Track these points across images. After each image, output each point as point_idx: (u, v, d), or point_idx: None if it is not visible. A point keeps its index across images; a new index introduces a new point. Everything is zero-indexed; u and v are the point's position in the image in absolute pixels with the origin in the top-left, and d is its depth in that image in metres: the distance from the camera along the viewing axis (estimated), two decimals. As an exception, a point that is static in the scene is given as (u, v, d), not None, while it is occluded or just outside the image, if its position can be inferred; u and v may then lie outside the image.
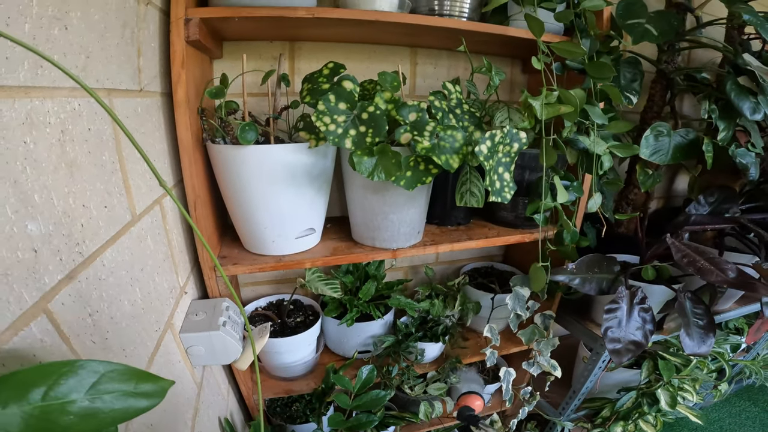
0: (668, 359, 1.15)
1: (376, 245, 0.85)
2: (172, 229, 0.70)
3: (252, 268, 0.78)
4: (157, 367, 0.59)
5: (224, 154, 0.72)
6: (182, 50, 0.65)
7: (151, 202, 0.61)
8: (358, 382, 0.96)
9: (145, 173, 0.59)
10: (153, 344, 0.59)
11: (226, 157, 0.72)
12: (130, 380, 0.32)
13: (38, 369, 0.27)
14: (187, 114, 0.67)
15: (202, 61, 0.79)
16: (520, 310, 0.92)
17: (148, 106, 0.62)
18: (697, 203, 1.09)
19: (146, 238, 0.59)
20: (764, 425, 1.87)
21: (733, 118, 1.06)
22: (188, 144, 0.68)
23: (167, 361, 0.63)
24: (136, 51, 0.58)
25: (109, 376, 0.30)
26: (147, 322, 0.57)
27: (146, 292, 0.58)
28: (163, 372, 0.61)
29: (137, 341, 0.54)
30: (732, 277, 0.80)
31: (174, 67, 0.65)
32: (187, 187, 0.70)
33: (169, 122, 0.70)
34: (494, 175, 0.77)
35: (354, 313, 0.93)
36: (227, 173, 0.73)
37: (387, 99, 0.75)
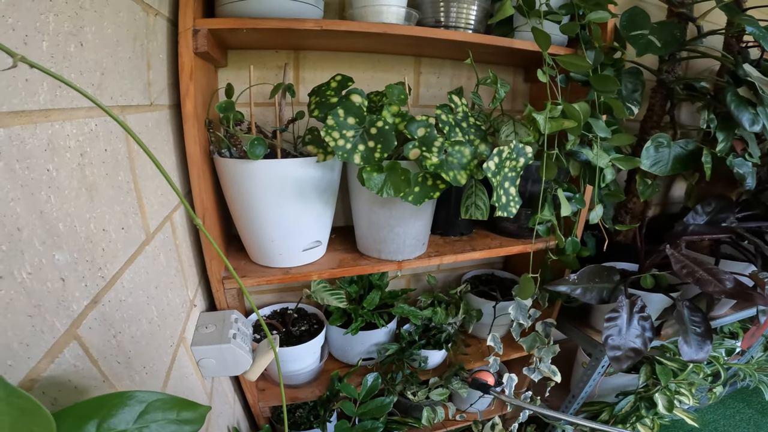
0: (666, 364, 1.18)
1: (382, 257, 0.87)
2: (182, 243, 0.70)
3: (260, 280, 0.79)
4: (174, 381, 0.60)
5: (232, 168, 0.72)
6: (191, 62, 0.65)
7: (162, 218, 0.62)
8: (363, 390, 0.97)
9: (156, 189, 0.60)
10: (169, 359, 0.60)
11: (234, 171, 0.72)
12: (173, 409, 0.34)
13: (92, 402, 0.29)
14: (196, 127, 0.67)
15: (208, 70, 0.80)
16: (523, 319, 0.94)
17: (157, 120, 0.62)
18: (695, 213, 1.11)
19: (159, 255, 0.59)
20: (758, 426, 1.90)
21: (732, 128, 1.08)
22: (197, 157, 0.68)
23: (182, 374, 0.64)
24: (146, 64, 0.57)
25: (155, 406, 0.32)
26: (162, 338, 0.58)
27: (161, 309, 0.59)
28: (178, 386, 0.62)
29: (155, 357, 0.55)
30: (729, 288, 0.82)
31: (182, 79, 0.65)
32: (196, 201, 0.71)
33: (177, 135, 0.70)
34: (500, 190, 0.79)
35: (359, 323, 0.94)
36: (235, 187, 0.74)
37: (394, 113, 0.76)
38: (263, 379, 1.08)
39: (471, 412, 1.36)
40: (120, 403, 0.30)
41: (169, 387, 0.58)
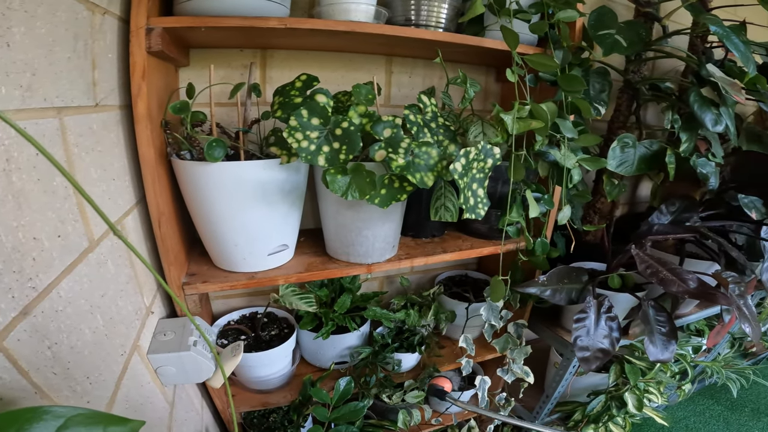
0: (634, 363, 1.18)
1: (351, 260, 0.84)
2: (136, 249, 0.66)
3: (223, 285, 0.75)
4: (125, 390, 0.57)
5: (190, 170, 0.68)
6: (143, 61, 0.61)
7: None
8: (336, 395, 0.95)
9: (103, 194, 0.56)
10: (119, 368, 0.56)
11: (193, 174, 0.68)
12: (98, 424, 0.31)
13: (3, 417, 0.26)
14: (149, 128, 0.63)
15: (166, 70, 0.75)
16: (494, 320, 0.93)
17: (105, 122, 0.58)
18: (660, 212, 1.12)
19: (106, 262, 0.55)
20: (727, 423, 1.93)
21: (695, 129, 1.08)
22: (151, 160, 0.64)
23: (135, 383, 0.61)
24: (90, 64, 0.54)
25: (75, 421, 0.29)
26: (111, 347, 0.55)
27: (108, 318, 0.55)
28: (131, 394, 0.59)
29: (102, 367, 0.51)
30: (693, 288, 0.83)
31: (134, 79, 0.61)
32: (151, 205, 0.67)
33: (129, 137, 0.66)
34: (468, 192, 0.77)
35: (330, 327, 0.92)
36: (194, 190, 0.70)
37: (361, 113, 0.73)
38: (232, 384, 1.05)
39: (447, 414, 1.35)
40: (34, 418, 0.27)
41: (120, 396, 0.55)
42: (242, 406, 0.99)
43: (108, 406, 0.52)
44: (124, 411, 0.56)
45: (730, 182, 1.19)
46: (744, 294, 0.98)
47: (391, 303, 1.12)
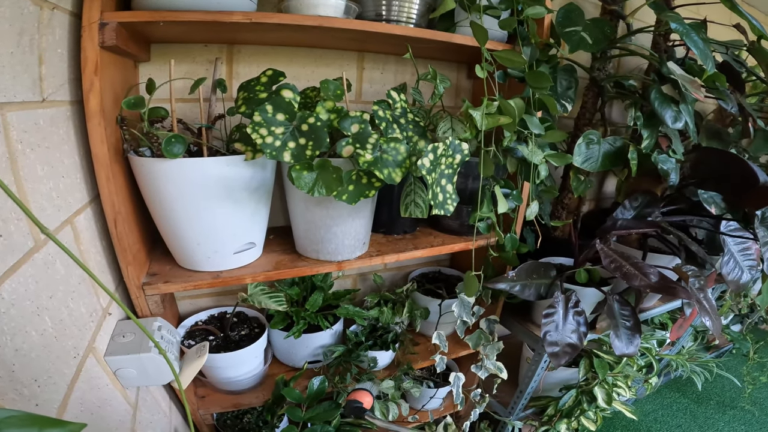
0: (602, 357, 1.20)
1: (321, 258, 0.81)
2: (89, 249, 0.62)
3: (186, 285, 0.72)
4: (80, 393, 0.54)
5: (148, 167, 0.64)
6: (96, 56, 0.57)
7: (59, 223, 0.54)
8: (309, 394, 0.92)
9: (51, 192, 0.52)
10: (72, 371, 0.53)
11: (152, 171, 0.65)
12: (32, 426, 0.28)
13: None
14: (103, 125, 0.59)
15: (123, 65, 0.71)
16: (466, 316, 0.92)
17: (53, 118, 0.54)
18: (623, 207, 1.13)
19: (55, 262, 0.52)
20: (694, 416, 1.98)
21: (656, 125, 1.09)
22: (104, 157, 0.60)
23: (91, 386, 0.58)
24: (36, 59, 0.50)
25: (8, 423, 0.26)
26: (62, 350, 0.51)
27: (58, 320, 0.51)
28: (86, 397, 0.56)
29: (51, 369, 0.48)
30: (654, 282, 0.84)
31: (85, 74, 0.57)
32: (105, 204, 0.63)
33: (81, 133, 0.62)
34: (437, 188, 0.76)
35: (301, 326, 0.89)
36: (153, 188, 0.66)
37: (329, 108, 0.71)
38: (202, 386, 1.01)
39: (424, 411, 1.34)
40: (-42, 421, 0.24)
41: (73, 399, 0.52)
42: (213, 408, 0.96)
43: (60, 409, 0.49)
44: (78, 414, 0.53)
45: (690, 178, 1.21)
46: (704, 288, 1.01)
47: (364, 300, 1.10)
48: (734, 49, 1.21)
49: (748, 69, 1.22)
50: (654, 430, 1.88)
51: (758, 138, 1.21)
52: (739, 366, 2.26)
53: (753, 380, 2.09)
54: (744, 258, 1.13)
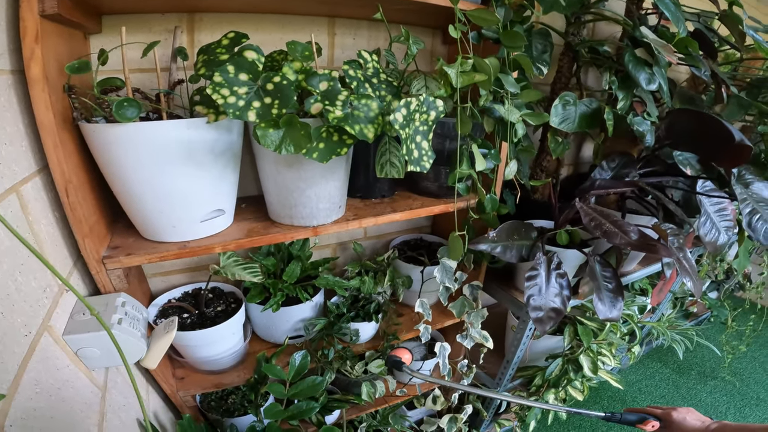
0: (586, 324, 1.18)
1: (295, 223, 0.76)
2: (39, 220, 0.56)
3: (150, 257, 0.66)
4: (34, 374, 0.49)
5: (102, 134, 0.58)
6: (36, 25, 0.51)
7: (2, 191, 0.48)
8: (292, 370, 0.87)
9: None
10: (23, 350, 0.48)
11: (106, 138, 0.58)
12: None
13: None
14: (47, 91, 0.53)
15: (69, 36, 0.65)
16: (449, 282, 0.88)
17: (-9, 86, 0.48)
18: (601, 168, 1.12)
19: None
20: (677, 386, 2.00)
21: (631, 88, 1.08)
22: (50, 125, 0.54)
23: (48, 366, 0.53)
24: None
25: None
26: (9, 327, 0.46)
27: (4, 294, 0.46)
28: (43, 378, 0.51)
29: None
30: (634, 240, 0.81)
31: (26, 42, 0.51)
32: (55, 172, 0.57)
33: (25, 101, 0.56)
34: (412, 144, 0.71)
35: (279, 298, 0.84)
36: (108, 156, 0.60)
37: (297, 69, 0.66)
38: (181, 366, 0.95)
39: (411, 385, 1.31)
40: None
41: (26, 380, 0.47)
42: (193, 389, 0.90)
43: (11, 389, 0.44)
44: (32, 395, 0.48)
45: (665, 139, 1.20)
46: (683, 247, 0.99)
47: (345, 270, 1.05)
48: (706, 18, 1.20)
49: (720, 37, 1.21)
50: (639, 400, 1.90)
51: (731, 104, 1.21)
52: (717, 334, 2.28)
53: (732, 349, 2.11)
54: (720, 219, 1.12)
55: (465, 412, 1.17)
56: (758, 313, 2.34)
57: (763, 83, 1.30)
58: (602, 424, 1.76)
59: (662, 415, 0.79)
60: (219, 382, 0.93)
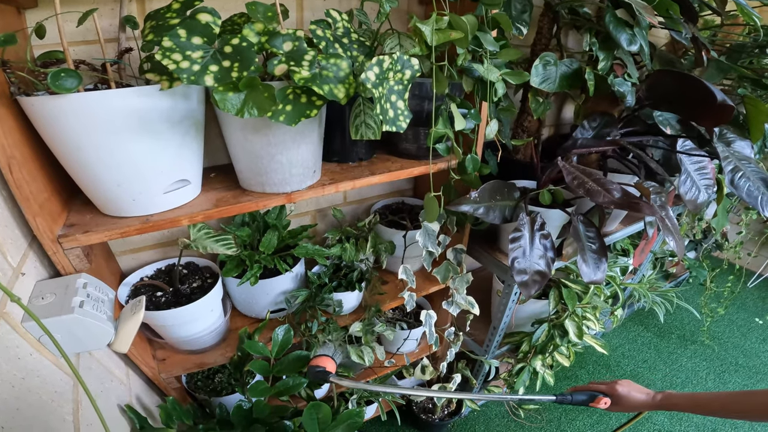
0: (570, 287, 1.16)
1: (267, 191, 0.71)
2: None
3: (111, 234, 0.60)
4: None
5: (43, 106, 0.52)
6: None
7: None
8: (275, 346, 0.84)
9: None
10: None
11: (48, 110, 0.52)
12: None
13: None
14: None
15: (2, 12, 0.57)
16: (432, 246, 0.85)
17: None
18: (582, 128, 1.08)
19: None
20: (658, 350, 2.01)
21: (612, 49, 1.05)
22: None
23: (10, 355, 0.49)
24: None
25: None
26: None
27: None
28: (5, 368, 0.47)
29: None
30: (618, 198, 0.78)
31: None
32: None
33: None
34: (386, 104, 0.66)
35: (256, 270, 0.79)
36: (53, 129, 0.54)
37: (259, 31, 0.60)
38: (161, 347, 0.91)
39: (399, 354, 1.29)
40: None
41: None
42: (175, 370, 0.87)
43: None
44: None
45: (646, 100, 1.17)
46: (665, 205, 0.97)
47: (326, 238, 1.00)
48: (688, -18, 1.16)
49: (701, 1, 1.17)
50: (623, 365, 1.92)
51: (711, 68, 1.19)
52: (696, 296, 2.31)
53: (711, 312, 2.12)
54: (700, 177, 1.11)
55: (454, 381, 1.16)
56: (736, 274, 2.38)
57: (743, 48, 1.28)
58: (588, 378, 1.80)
59: (608, 391, 0.79)
60: (202, 362, 0.89)
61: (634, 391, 0.77)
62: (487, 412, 1.64)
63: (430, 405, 1.49)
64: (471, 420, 1.61)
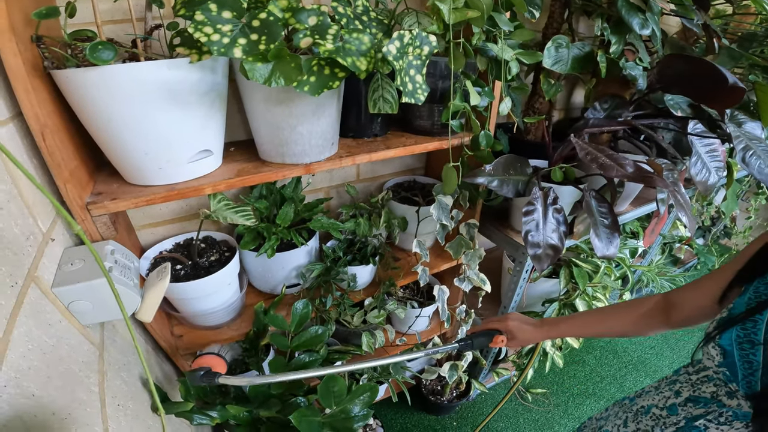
0: (581, 266, 1.17)
1: (287, 161, 0.73)
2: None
3: (137, 201, 0.62)
4: (25, 329, 0.44)
5: (77, 79, 0.55)
6: None
7: None
8: (294, 320, 0.86)
9: None
10: (11, 302, 0.44)
11: (82, 82, 0.55)
12: None
13: None
14: (14, 41, 0.49)
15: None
16: (445, 219, 0.86)
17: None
18: (594, 109, 1.10)
19: None
20: (664, 335, 2.03)
21: (624, 33, 1.07)
22: (20, 72, 0.50)
23: (40, 321, 0.49)
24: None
25: None
26: None
27: None
28: (35, 334, 0.46)
29: None
30: (631, 172, 0.80)
31: None
32: (29, 117, 0.53)
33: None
34: (405, 77, 0.69)
35: (273, 241, 0.81)
36: (84, 101, 0.57)
37: (283, 7, 0.62)
38: (178, 324, 0.93)
39: (410, 333, 1.31)
40: None
41: (17, 335, 0.43)
42: (192, 347, 0.89)
43: (2, 342, 0.40)
44: (26, 352, 0.44)
45: (657, 83, 1.18)
46: (677, 182, 0.99)
47: (339, 214, 1.02)
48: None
49: None
50: (630, 350, 1.94)
51: (722, 55, 1.21)
52: (704, 282, 2.33)
53: None
54: (711, 159, 1.12)
55: (465, 359, 1.18)
56: (744, 260, 2.39)
57: (754, 37, 1.29)
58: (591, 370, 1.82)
59: (502, 328, 0.81)
60: (218, 338, 0.91)
61: (524, 324, 0.79)
62: (495, 395, 1.68)
63: (439, 387, 1.52)
64: (479, 403, 1.64)
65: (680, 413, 0.61)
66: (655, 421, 0.65)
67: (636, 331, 0.71)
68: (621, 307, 0.73)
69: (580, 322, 0.76)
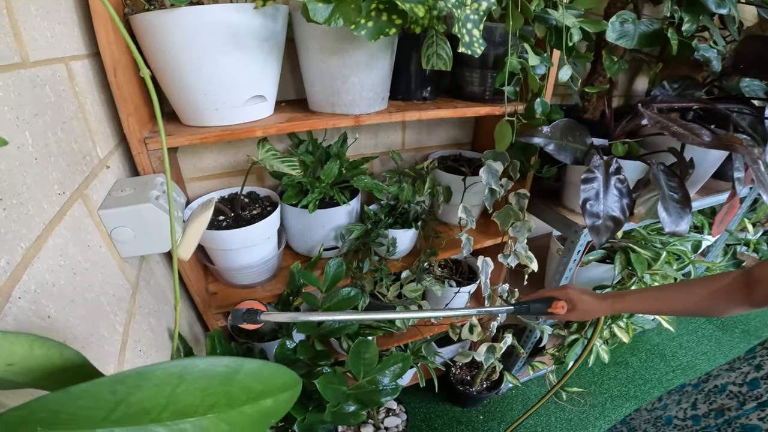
0: (639, 252, 1.08)
1: (337, 111, 0.73)
2: (85, 93, 0.54)
3: (192, 138, 0.64)
4: (61, 241, 0.42)
5: (151, 20, 0.58)
6: None
7: (52, 57, 0.46)
8: (327, 279, 0.84)
9: (45, 31, 0.46)
10: (53, 209, 0.42)
11: (155, 24, 0.58)
12: None
13: None
14: None
15: None
16: (495, 184, 0.82)
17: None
18: (662, 88, 1.02)
19: (44, 86, 0.44)
20: (719, 342, 1.89)
21: (698, 12, 0.98)
22: (103, 12, 0.53)
23: (78, 239, 0.47)
24: None
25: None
26: (41, 175, 0.41)
27: (42, 144, 0.41)
28: (70, 251, 0.44)
29: (24, 193, 0.37)
30: (707, 140, 0.73)
31: None
32: (104, 54, 0.55)
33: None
34: (463, 29, 0.67)
35: (316, 194, 0.80)
36: (157, 42, 0.60)
37: None
38: (214, 280, 0.94)
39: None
40: None
41: (51, 244, 0.40)
42: (226, 306, 0.89)
43: (32, 248, 0.37)
44: (56, 267, 0.41)
45: (733, 66, 1.08)
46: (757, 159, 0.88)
47: (384, 179, 1.00)
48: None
49: None
50: (679, 355, 1.81)
51: None
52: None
53: None
54: (789, 148, 1.01)
55: (504, 341, 1.11)
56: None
57: None
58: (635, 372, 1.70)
59: (560, 294, 0.75)
60: (252, 297, 0.90)
61: (584, 295, 0.73)
62: (526, 391, 1.61)
63: (468, 378, 1.47)
64: (509, 398, 1.58)
65: (762, 386, 0.57)
66: (733, 398, 0.60)
67: (712, 308, 0.63)
68: (695, 282, 0.66)
69: (650, 296, 0.69)
